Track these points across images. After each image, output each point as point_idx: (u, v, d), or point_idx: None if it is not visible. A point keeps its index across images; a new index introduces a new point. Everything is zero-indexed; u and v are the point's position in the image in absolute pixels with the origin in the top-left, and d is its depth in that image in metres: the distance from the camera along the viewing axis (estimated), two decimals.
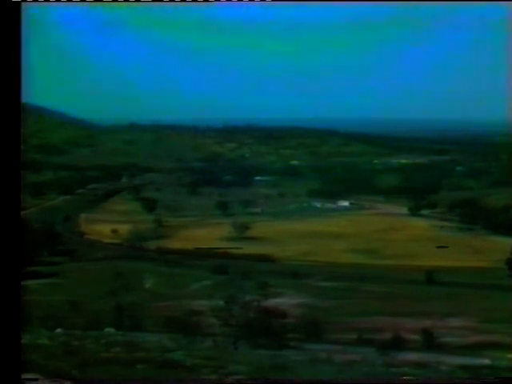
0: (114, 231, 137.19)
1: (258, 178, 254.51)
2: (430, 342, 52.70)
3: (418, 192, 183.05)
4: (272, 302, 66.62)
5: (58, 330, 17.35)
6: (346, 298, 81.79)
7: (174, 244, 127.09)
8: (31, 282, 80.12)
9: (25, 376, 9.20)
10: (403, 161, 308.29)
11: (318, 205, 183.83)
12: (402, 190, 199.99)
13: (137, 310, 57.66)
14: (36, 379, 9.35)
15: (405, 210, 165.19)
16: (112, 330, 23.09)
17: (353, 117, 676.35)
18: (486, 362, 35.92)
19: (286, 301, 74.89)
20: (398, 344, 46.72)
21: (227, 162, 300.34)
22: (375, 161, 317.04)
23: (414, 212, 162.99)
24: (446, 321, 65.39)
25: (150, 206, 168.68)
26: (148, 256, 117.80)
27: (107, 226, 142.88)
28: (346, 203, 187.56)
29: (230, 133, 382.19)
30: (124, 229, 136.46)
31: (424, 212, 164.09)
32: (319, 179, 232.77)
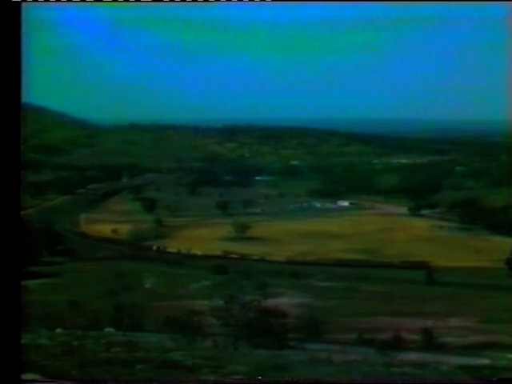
0: (114, 231, 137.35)
1: (258, 178, 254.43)
2: (429, 341, 52.68)
3: (418, 192, 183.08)
4: (272, 302, 66.65)
5: (58, 330, 17.35)
6: (346, 298, 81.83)
7: (174, 244, 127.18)
8: (31, 282, 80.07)
9: (25, 376, 9.20)
10: (403, 161, 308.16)
11: (318, 205, 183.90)
12: (402, 190, 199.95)
13: (137, 310, 57.59)
14: (36, 379, 9.35)
15: (405, 210, 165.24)
16: (112, 330, 23.09)
17: (353, 117, 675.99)
18: (486, 362, 35.92)
19: (286, 301, 74.89)
20: (397, 344, 46.70)
21: (227, 162, 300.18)
22: (375, 161, 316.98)
23: (414, 212, 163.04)
24: (446, 321, 65.38)
25: (150, 205, 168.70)
26: (148, 256, 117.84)
27: (107, 225, 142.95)
28: (345, 203, 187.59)
29: (230, 133, 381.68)
30: (124, 229, 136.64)
31: (424, 212, 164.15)
32: (319, 179, 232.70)
